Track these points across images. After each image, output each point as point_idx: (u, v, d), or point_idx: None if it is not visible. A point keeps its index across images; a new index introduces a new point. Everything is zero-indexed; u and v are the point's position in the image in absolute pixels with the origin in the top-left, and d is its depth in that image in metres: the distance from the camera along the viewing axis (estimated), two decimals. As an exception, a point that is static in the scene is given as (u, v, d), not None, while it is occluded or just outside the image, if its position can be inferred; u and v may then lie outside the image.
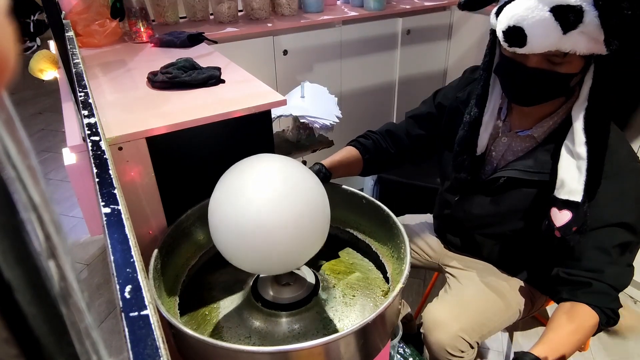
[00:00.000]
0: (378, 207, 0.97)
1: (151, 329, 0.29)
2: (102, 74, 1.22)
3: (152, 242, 0.94)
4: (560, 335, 0.87)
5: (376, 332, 0.77)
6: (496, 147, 1.05)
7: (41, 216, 0.13)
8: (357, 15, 1.98)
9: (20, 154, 0.12)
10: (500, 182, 1.02)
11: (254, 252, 0.73)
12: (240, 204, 0.71)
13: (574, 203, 0.87)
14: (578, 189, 0.87)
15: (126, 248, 0.36)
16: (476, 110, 1.02)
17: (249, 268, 0.79)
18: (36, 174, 0.13)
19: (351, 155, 1.17)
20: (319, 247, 0.80)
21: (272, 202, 0.71)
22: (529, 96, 0.93)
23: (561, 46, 0.81)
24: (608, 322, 0.91)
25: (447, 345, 1.04)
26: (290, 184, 0.74)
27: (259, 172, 0.75)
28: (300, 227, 0.73)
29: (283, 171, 0.76)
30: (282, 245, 0.73)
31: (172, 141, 0.93)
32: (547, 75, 0.87)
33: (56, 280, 0.14)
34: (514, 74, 0.91)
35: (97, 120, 0.59)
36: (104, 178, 0.46)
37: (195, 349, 0.72)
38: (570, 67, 0.86)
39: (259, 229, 0.71)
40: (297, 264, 0.83)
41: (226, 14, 1.79)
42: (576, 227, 0.88)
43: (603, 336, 1.66)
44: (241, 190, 0.73)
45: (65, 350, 0.14)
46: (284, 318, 0.85)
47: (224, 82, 1.14)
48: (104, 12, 1.47)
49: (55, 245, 0.14)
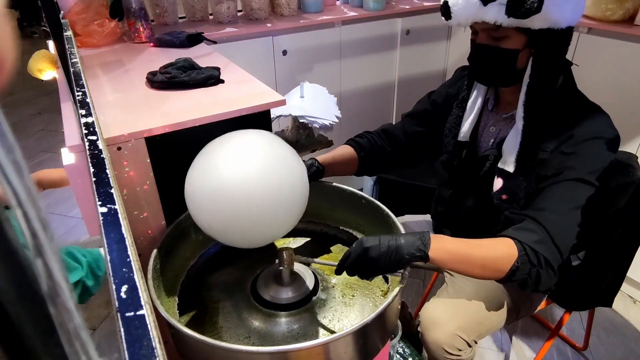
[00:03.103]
0: (377, 207, 0.97)
1: (147, 329, 0.29)
2: (101, 73, 1.21)
3: (151, 243, 0.93)
4: (469, 242, 0.83)
5: (375, 332, 0.77)
6: (485, 138, 1.08)
7: (27, 213, 0.13)
8: (357, 16, 1.98)
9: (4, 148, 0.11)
10: (486, 167, 1.04)
11: (228, 221, 0.76)
12: (216, 174, 0.75)
13: (507, 173, 0.96)
14: (511, 160, 0.95)
15: (122, 247, 0.36)
16: (464, 93, 1.09)
17: (223, 238, 0.81)
18: (21, 169, 0.12)
19: (346, 152, 1.17)
20: (296, 221, 0.84)
21: (248, 173, 0.74)
22: (483, 73, 0.99)
23: (483, 16, 0.88)
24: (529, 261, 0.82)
25: (444, 343, 1.04)
26: (269, 156, 0.77)
27: (237, 145, 0.78)
28: (277, 198, 0.76)
29: (261, 142, 0.78)
30: (257, 215, 0.75)
31: (171, 141, 0.93)
32: (491, 50, 0.93)
33: (44, 279, 0.13)
34: (472, 53, 0.99)
35: (94, 120, 0.59)
36: (101, 177, 0.45)
37: (195, 349, 0.72)
38: (510, 42, 0.91)
39: (234, 198, 0.73)
40: (274, 236, 0.86)
41: (225, 14, 1.79)
42: (506, 195, 0.95)
43: (603, 335, 1.66)
44: (216, 160, 0.76)
45: (53, 351, 0.13)
46: (284, 318, 0.85)
47: (223, 82, 1.14)
48: (103, 12, 1.47)
49: (42, 243, 0.13)
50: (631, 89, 1.58)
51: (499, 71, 0.96)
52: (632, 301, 1.81)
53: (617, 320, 1.73)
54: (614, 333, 1.68)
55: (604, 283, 1.19)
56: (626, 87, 1.59)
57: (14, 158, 0.12)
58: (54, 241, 0.14)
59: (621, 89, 1.60)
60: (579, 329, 1.69)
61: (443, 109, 1.17)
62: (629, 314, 1.75)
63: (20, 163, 0.12)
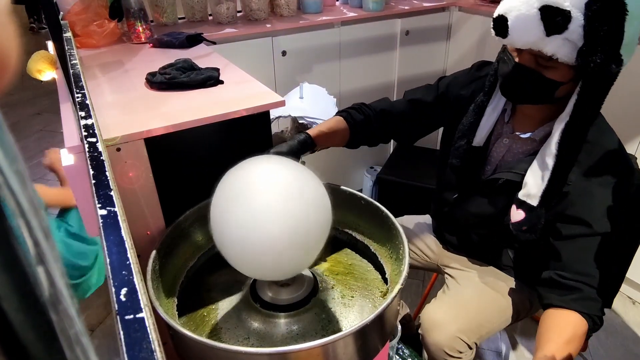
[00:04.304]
0: (377, 208, 0.97)
1: (147, 332, 0.29)
2: (100, 74, 1.21)
3: (150, 243, 0.93)
4: (558, 345, 0.84)
5: (375, 333, 0.77)
6: (497, 148, 1.06)
7: (29, 222, 0.13)
8: (356, 16, 1.98)
9: (8, 158, 0.12)
10: (499, 184, 1.02)
11: (256, 258, 0.71)
12: (243, 211, 0.69)
13: (529, 206, 0.92)
14: (537, 195, 0.91)
15: (122, 250, 0.36)
16: (483, 98, 1.03)
17: (252, 273, 0.78)
18: (25, 179, 0.13)
19: (339, 127, 1.12)
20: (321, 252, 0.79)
21: (276, 208, 0.69)
22: (513, 91, 0.94)
23: (542, 47, 0.81)
24: (594, 328, 0.90)
25: (445, 346, 1.04)
26: (295, 188, 0.72)
27: (262, 175, 0.73)
28: (304, 233, 0.71)
29: (286, 175, 0.74)
30: (286, 252, 0.71)
31: (170, 142, 0.93)
32: (531, 74, 0.88)
33: (45, 287, 0.13)
34: (506, 64, 0.92)
35: (94, 122, 0.59)
36: (101, 180, 0.45)
37: (194, 350, 0.72)
38: (556, 73, 0.86)
39: (263, 235, 0.69)
40: (300, 269, 0.83)
41: (225, 15, 1.79)
42: (526, 227, 0.92)
43: (602, 337, 1.66)
44: (244, 196, 0.70)
45: (55, 357, 0.14)
46: (283, 319, 0.85)
47: (223, 83, 1.14)
48: (102, 13, 1.47)
49: (44, 251, 0.13)
50: (631, 89, 1.59)
51: (536, 97, 0.92)
52: (631, 302, 1.81)
53: (616, 322, 1.73)
54: (613, 334, 1.68)
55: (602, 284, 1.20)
56: (626, 87, 1.59)
57: (17, 168, 0.12)
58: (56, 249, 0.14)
59: (621, 89, 1.60)
60: (577, 329, 1.70)
61: (451, 107, 1.13)
62: (628, 315, 1.75)
63: (23, 173, 0.12)
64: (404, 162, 2.24)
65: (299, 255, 0.74)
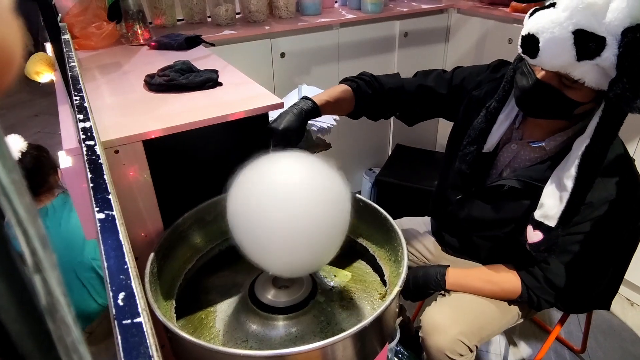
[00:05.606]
0: (375, 210, 0.97)
1: (144, 337, 0.29)
2: (99, 76, 1.21)
3: (148, 246, 0.93)
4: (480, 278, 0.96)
5: (373, 335, 0.77)
6: (504, 153, 1.05)
7: (26, 231, 0.13)
8: (355, 18, 1.98)
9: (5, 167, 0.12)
10: (503, 190, 1.02)
11: (278, 253, 0.72)
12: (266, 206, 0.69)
13: (547, 227, 0.89)
14: (554, 216, 0.88)
15: (120, 254, 0.36)
16: (496, 105, 1.01)
17: (269, 267, 0.77)
18: (22, 187, 0.13)
19: (345, 97, 1.09)
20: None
21: (301, 204, 0.70)
22: (529, 106, 0.92)
23: (571, 71, 0.79)
24: (529, 303, 1.01)
25: (446, 349, 1.04)
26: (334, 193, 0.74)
27: (284, 171, 0.74)
28: (328, 230, 0.73)
29: (310, 172, 0.75)
30: (310, 247, 0.72)
31: (169, 144, 0.93)
32: (552, 92, 0.85)
33: (42, 295, 0.13)
34: (525, 77, 0.89)
35: (92, 125, 0.59)
36: (99, 183, 0.45)
37: (192, 353, 0.72)
38: (578, 94, 0.83)
39: (288, 230, 0.69)
40: (319, 266, 0.87)
41: (224, 17, 1.79)
42: (544, 247, 0.91)
43: (600, 338, 1.67)
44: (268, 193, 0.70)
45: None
46: (281, 321, 0.85)
47: (222, 84, 1.14)
48: (101, 14, 1.46)
49: (41, 260, 0.13)
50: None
51: (554, 114, 0.90)
52: (629, 304, 1.81)
53: (615, 323, 1.73)
54: (612, 335, 1.68)
55: (601, 286, 1.19)
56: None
57: (14, 178, 0.12)
58: (53, 258, 0.14)
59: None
60: (576, 331, 1.70)
61: (462, 104, 1.11)
62: (627, 317, 1.75)
63: (20, 182, 0.12)
64: (402, 164, 2.24)
65: (322, 251, 0.75)
